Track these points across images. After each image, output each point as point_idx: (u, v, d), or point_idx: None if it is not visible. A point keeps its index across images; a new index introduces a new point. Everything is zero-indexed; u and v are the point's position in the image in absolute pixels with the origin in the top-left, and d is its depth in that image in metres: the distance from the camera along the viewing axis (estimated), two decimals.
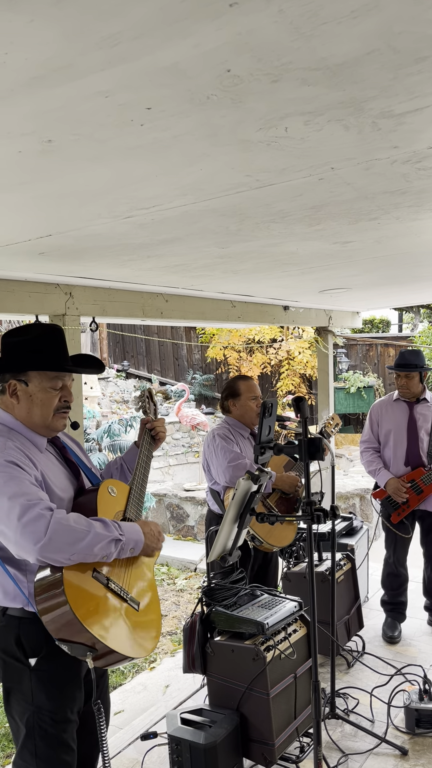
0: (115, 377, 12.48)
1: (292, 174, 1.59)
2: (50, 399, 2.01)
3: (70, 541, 1.77)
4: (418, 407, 4.07)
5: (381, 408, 4.21)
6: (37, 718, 1.93)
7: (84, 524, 1.82)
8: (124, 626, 1.91)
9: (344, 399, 10.54)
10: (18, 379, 1.99)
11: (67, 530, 1.77)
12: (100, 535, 1.84)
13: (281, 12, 0.87)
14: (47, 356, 2.02)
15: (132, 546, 1.95)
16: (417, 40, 0.97)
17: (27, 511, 1.75)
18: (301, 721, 2.77)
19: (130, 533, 1.95)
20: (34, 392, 1.99)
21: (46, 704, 1.92)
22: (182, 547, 6.90)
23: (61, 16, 0.84)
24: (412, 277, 3.94)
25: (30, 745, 1.93)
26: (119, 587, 1.94)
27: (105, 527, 1.87)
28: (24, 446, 1.96)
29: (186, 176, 1.56)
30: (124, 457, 2.43)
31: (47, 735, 1.93)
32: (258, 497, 2.45)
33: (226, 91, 1.10)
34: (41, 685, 1.92)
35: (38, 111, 1.13)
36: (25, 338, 2.03)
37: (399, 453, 4.06)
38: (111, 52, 0.94)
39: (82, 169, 1.46)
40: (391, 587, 4.21)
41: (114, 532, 1.89)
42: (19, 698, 1.95)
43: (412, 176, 1.68)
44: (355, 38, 0.95)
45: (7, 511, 1.77)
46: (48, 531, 1.74)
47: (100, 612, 1.84)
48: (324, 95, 1.14)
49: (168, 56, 0.97)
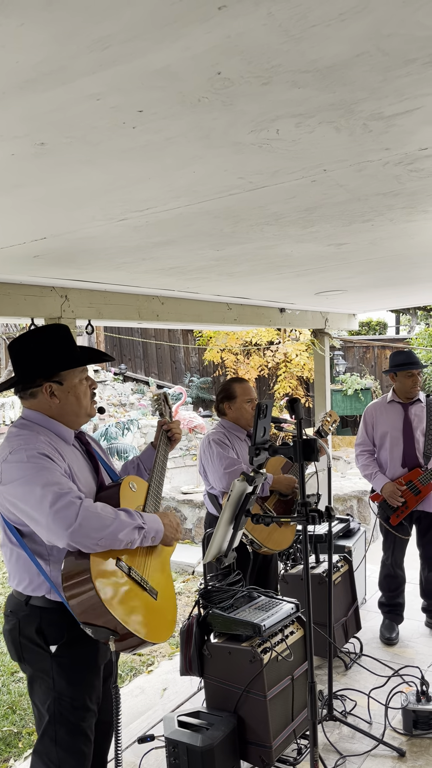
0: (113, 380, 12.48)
1: (285, 176, 1.60)
2: (85, 390, 2.21)
3: (97, 527, 1.88)
4: (412, 408, 4.08)
5: (375, 410, 4.22)
6: (58, 704, 2.04)
7: (110, 512, 1.95)
8: (143, 612, 2.02)
9: (341, 401, 10.55)
10: (51, 380, 2.14)
11: (95, 516, 1.89)
12: (125, 522, 1.96)
13: (270, 15, 0.87)
14: (72, 354, 2.19)
15: (153, 534, 2.07)
16: (406, 42, 0.97)
17: (59, 499, 1.87)
18: (298, 723, 2.77)
19: (151, 522, 2.07)
20: (71, 388, 2.16)
21: (66, 690, 2.04)
22: (180, 549, 6.90)
23: (52, 20, 0.85)
24: (407, 279, 3.95)
25: (51, 731, 2.05)
26: (140, 576, 2.06)
27: (129, 516, 2.00)
28: (52, 440, 2.10)
29: (179, 178, 1.57)
30: (140, 457, 2.56)
31: (67, 722, 2.04)
32: (253, 498, 2.46)
33: (217, 94, 1.10)
34: (62, 671, 2.04)
35: (31, 114, 1.14)
36: (44, 342, 2.17)
37: (395, 455, 4.07)
38: (102, 55, 0.94)
39: (75, 171, 1.46)
40: (388, 589, 4.21)
41: (137, 519, 2.01)
42: (42, 684, 2.07)
43: (404, 178, 1.69)
44: (344, 41, 0.95)
45: (39, 499, 1.88)
46: (78, 517, 1.85)
47: (122, 597, 1.95)
48: (314, 97, 1.14)
49: (159, 59, 0.97)
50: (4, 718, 3.80)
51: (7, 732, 3.65)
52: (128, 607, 1.95)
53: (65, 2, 0.81)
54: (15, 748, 3.49)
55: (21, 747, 3.48)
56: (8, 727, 3.70)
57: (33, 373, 2.15)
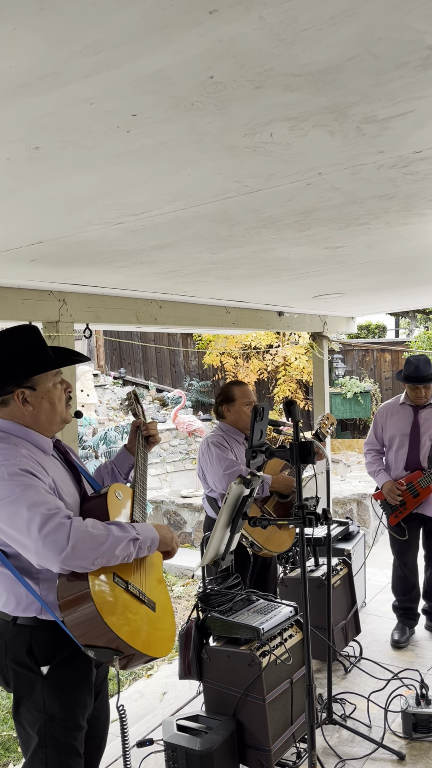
0: (112, 384, 12.48)
1: (280, 179, 1.60)
2: (60, 394, 2.08)
3: (92, 547, 1.78)
4: (423, 412, 4.09)
5: (387, 412, 4.24)
6: (49, 726, 1.93)
7: (102, 529, 1.84)
8: (145, 627, 1.94)
9: (341, 404, 10.55)
10: (24, 387, 2.00)
11: (88, 536, 1.78)
12: (119, 537, 1.86)
13: (261, 19, 0.88)
14: (43, 357, 2.04)
15: (149, 544, 1.98)
16: (397, 46, 0.98)
17: (47, 522, 1.75)
18: (297, 726, 2.76)
19: (145, 532, 1.98)
20: (44, 393, 2.03)
21: (59, 712, 1.93)
22: (179, 553, 6.85)
23: (44, 25, 0.85)
24: (405, 282, 3.95)
25: (41, 753, 1.94)
26: (137, 590, 1.97)
27: (121, 529, 1.89)
28: (32, 452, 1.97)
29: (174, 182, 1.57)
30: (114, 461, 2.43)
31: (59, 744, 1.94)
32: (250, 501, 2.46)
33: (211, 98, 1.11)
34: (53, 694, 1.93)
35: (25, 118, 1.15)
36: (12, 347, 2.03)
37: (400, 457, 4.09)
38: (95, 60, 0.95)
39: (70, 175, 1.47)
40: (400, 592, 4.21)
41: (131, 531, 1.91)
42: (30, 707, 1.95)
43: (399, 181, 1.69)
44: (335, 44, 0.96)
45: (26, 522, 1.76)
46: (70, 540, 1.74)
47: (123, 615, 1.87)
48: (307, 101, 1.15)
49: (151, 63, 0.98)
50: (3, 722, 3.79)
51: (6, 737, 3.64)
52: (130, 624, 1.87)
53: (57, 7, 0.81)
54: (14, 752, 3.48)
55: (20, 752, 3.47)
56: (7, 731, 3.69)
57: (2, 379, 2.01)
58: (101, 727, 2.20)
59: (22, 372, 2.00)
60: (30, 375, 2.01)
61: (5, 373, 2.00)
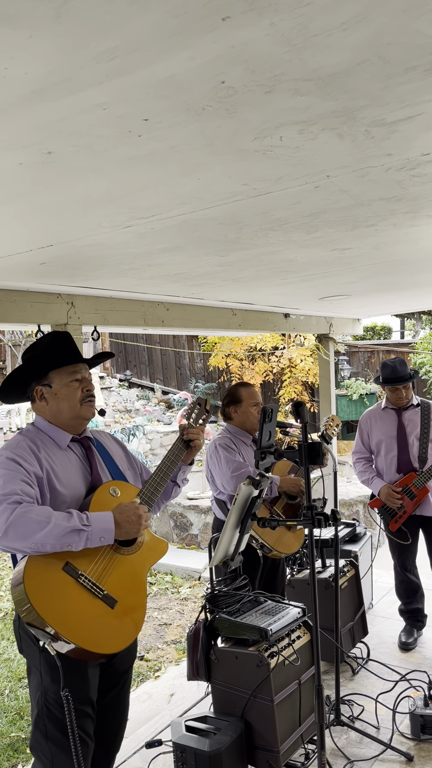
0: (118, 387, 12.50)
1: (289, 182, 1.62)
2: (73, 391, 2.20)
3: (27, 532, 1.88)
4: (406, 414, 4.08)
5: (370, 418, 4.23)
6: (45, 700, 2.05)
7: (44, 515, 1.92)
8: (90, 621, 1.98)
9: (347, 406, 10.54)
10: (41, 384, 2.19)
11: (26, 522, 1.88)
12: (60, 525, 1.91)
13: (273, 25, 0.89)
14: (61, 354, 2.22)
15: (101, 535, 1.99)
16: (406, 50, 0.99)
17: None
18: (305, 727, 2.77)
19: (98, 522, 1.99)
20: (58, 390, 2.18)
21: (51, 687, 2.03)
22: (186, 555, 6.90)
23: (60, 32, 0.87)
24: (411, 284, 3.96)
25: (41, 725, 2.06)
26: (91, 582, 2.01)
27: (67, 518, 1.95)
28: (43, 443, 2.13)
29: (184, 185, 1.59)
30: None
31: (55, 718, 2.03)
32: (259, 502, 2.46)
33: (221, 102, 1.12)
34: (47, 668, 2.03)
35: (38, 124, 1.16)
36: (39, 348, 2.23)
37: (390, 461, 4.08)
38: (108, 66, 0.97)
39: (81, 179, 1.49)
40: (404, 595, 4.20)
41: (76, 522, 1.95)
42: (34, 678, 2.10)
43: (407, 183, 1.70)
44: (345, 49, 0.97)
45: None
46: (7, 522, 1.87)
47: (59, 601, 1.94)
48: (317, 105, 1.16)
49: (164, 69, 1.00)
50: (11, 723, 3.81)
51: (15, 738, 3.66)
52: (67, 614, 1.93)
53: (73, 15, 0.83)
54: (23, 753, 3.50)
55: (29, 753, 3.48)
56: (16, 732, 3.70)
57: (24, 376, 2.20)
58: (114, 721, 2.24)
59: (40, 369, 2.18)
60: (45, 372, 2.17)
61: (29, 371, 2.19)
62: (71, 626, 1.93)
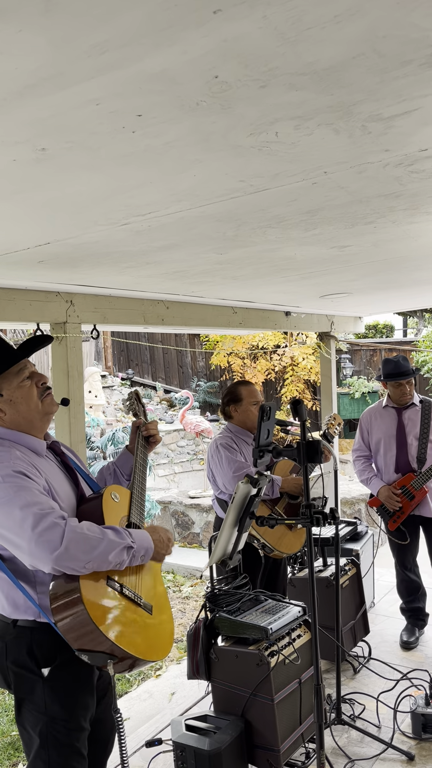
0: (120, 385, 12.49)
1: (286, 179, 1.60)
2: (29, 390, 2.01)
3: (85, 549, 1.77)
4: (406, 413, 4.07)
5: (370, 416, 4.23)
6: (50, 727, 1.92)
7: (98, 532, 1.83)
8: (140, 631, 1.92)
9: (349, 404, 10.52)
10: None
11: (83, 538, 1.78)
12: (114, 542, 1.85)
13: (265, 18, 0.88)
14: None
15: (143, 553, 1.96)
16: (401, 43, 0.98)
17: (41, 521, 1.75)
18: (306, 726, 2.76)
19: (140, 541, 1.96)
20: (11, 395, 1.99)
21: (60, 713, 1.92)
22: (188, 554, 6.90)
23: (49, 26, 0.86)
24: (412, 281, 3.94)
25: (44, 754, 1.93)
26: (132, 593, 1.95)
27: (117, 535, 1.88)
28: (25, 455, 1.96)
29: (180, 182, 1.58)
30: (116, 462, 2.42)
31: (61, 744, 1.93)
32: (257, 501, 2.45)
33: (215, 97, 1.11)
34: (54, 695, 1.92)
35: (31, 119, 1.15)
36: None
37: (389, 460, 4.07)
38: (100, 60, 0.95)
39: (76, 176, 1.48)
40: (405, 593, 4.19)
41: (126, 539, 1.89)
42: (32, 709, 1.94)
43: (405, 179, 1.69)
44: (339, 43, 0.96)
45: (20, 522, 1.76)
46: (63, 540, 1.74)
47: (116, 618, 1.86)
48: (312, 99, 1.15)
49: (156, 63, 0.98)
50: (12, 722, 3.80)
51: (15, 737, 3.66)
52: (124, 628, 1.86)
53: (62, 8, 0.82)
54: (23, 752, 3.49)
55: None
56: (17, 731, 3.70)
57: None
58: (105, 730, 2.17)
59: None
60: None
61: None
62: (130, 641, 1.85)
